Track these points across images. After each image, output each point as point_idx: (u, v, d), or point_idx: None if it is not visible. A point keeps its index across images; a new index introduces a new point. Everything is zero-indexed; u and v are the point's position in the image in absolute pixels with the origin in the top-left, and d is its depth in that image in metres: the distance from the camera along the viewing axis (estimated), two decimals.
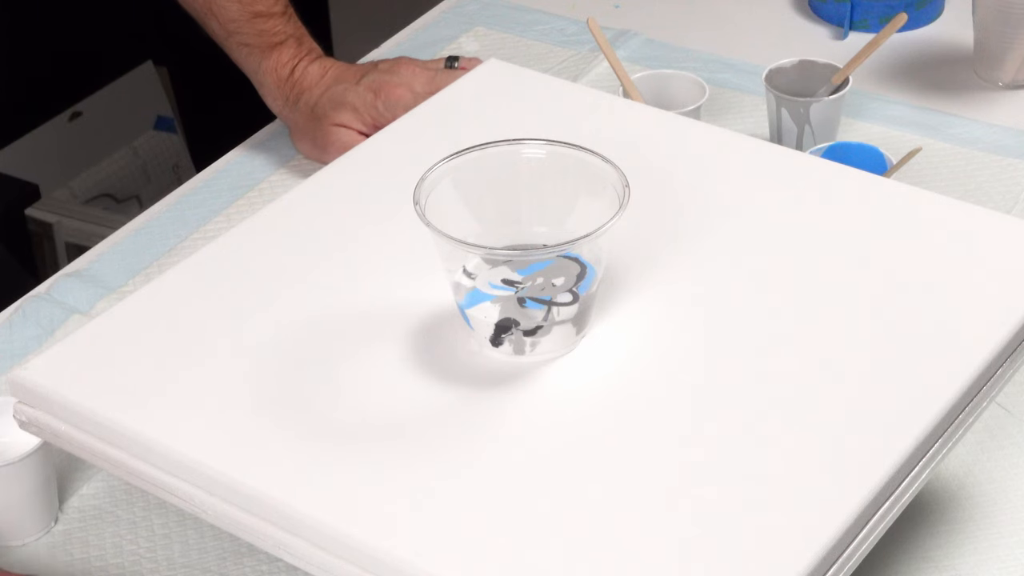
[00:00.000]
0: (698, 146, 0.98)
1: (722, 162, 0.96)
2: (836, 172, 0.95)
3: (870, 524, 0.74)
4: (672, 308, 0.85)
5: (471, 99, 1.02)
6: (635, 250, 0.86)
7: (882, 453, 0.75)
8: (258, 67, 1.22)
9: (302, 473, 0.75)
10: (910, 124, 1.26)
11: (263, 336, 0.83)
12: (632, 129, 0.98)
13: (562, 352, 0.81)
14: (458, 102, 1.02)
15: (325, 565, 0.73)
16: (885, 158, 1.12)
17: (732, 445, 0.76)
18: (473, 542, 0.72)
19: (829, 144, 1.14)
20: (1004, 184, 1.19)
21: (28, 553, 0.92)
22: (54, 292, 1.11)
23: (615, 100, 1.04)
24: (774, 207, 0.91)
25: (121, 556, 0.92)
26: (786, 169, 0.95)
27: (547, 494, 0.74)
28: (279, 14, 1.21)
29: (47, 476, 0.92)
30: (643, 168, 0.88)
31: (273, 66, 1.21)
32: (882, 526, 0.75)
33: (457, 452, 0.77)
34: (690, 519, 0.72)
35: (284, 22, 1.21)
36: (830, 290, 0.85)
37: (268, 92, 1.23)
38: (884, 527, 0.75)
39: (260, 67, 1.22)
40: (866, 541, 0.74)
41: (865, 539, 0.74)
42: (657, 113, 1.02)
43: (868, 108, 1.28)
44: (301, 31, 1.23)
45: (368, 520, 0.72)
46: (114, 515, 0.95)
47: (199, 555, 0.92)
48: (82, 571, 0.91)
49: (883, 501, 0.74)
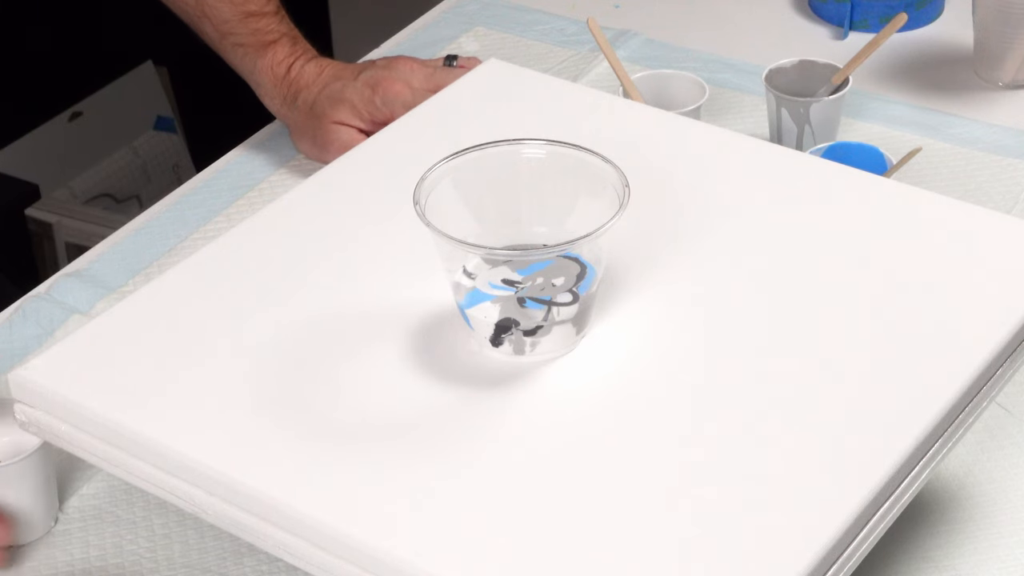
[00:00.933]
0: (698, 146, 0.98)
1: (722, 162, 0.96)
2: (835, 172, 0.95)
3: (870, 524, 0.74)
4: (672, 308, 0.85)
5: (471, 99, 1.02)
6: (635, 250, 0.86)
7: (882, 453, 0.75)
8: (254, 67, 1.22)
9: (302, 473, 0.75)
10: (910, 124, 1.26)
11: (263, 336, 0.83)
12: (632, 129, 0.98)
13: (562, 352, 0.81)
14: (458, 102, 1.02)
15: (325, 565, 0.73)
16: (885, 158, 1.12)
17: (732, 445, 0.76)
18: (473, 542, 0.72)
19: (829, 144, 1.14)
20: (1004, 184, 1.19)
21: (28, 553, 0.92)
22: (54, 292, 1.11)
23: (615, 100, 1.04)
24: (774, 207, 0.91)
25: (121, 556, 0.92)
26: (785, 169, 0.95)
27: (547, 494, 0.74)
28: (271, 13, 1.21)
29: (47, 476, 0.92)
30: (643, 168, 0.88)
31: (269, 64, 1.21)
32: (882, 526, 0.75)
33: (457, 452, 0.77)
34: (690, 519, 0.72)
35: (277, 21, 1.22)
36: (829, 290, 0.85)
37: (266, 92, 1.23)
38: (884, 527, 0.75)
39: (256, 67, 1.22)
40: (866, 541, 0.74)
41: (865, 539, 0.74)
42: (657, 113, 1.02)
43: (868, 108, 1.28)
44: (294, 31, 1.23)
45: (368, 520, 0.72)
46: (114, 515, 0.95)
47: (199, 555, 0.92)
48: (82, 571, 0.91)
49: (883, 501, 0.74)
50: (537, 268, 0.79)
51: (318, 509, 0.73)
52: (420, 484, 0.74)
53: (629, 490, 0.74)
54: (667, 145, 0.97)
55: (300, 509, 0.73)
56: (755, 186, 0.93)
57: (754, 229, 0.90)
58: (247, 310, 0.85)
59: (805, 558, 0.70)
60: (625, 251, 0.85)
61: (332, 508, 0.73)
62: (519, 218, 0.84)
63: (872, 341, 0.82)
